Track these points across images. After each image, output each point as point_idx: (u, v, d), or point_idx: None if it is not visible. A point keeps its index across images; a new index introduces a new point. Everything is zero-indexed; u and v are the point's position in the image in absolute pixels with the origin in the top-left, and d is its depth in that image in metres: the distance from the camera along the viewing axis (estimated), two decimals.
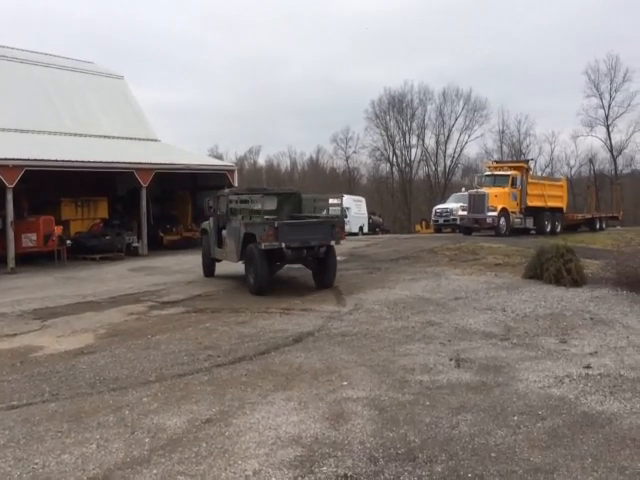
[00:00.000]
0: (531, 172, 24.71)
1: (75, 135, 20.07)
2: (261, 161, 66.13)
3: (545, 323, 8.07)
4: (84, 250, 17.41)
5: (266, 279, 10.53)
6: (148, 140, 22.84)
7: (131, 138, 21.94)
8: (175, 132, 66.85)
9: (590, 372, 5.80)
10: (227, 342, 7.30)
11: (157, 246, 19.32)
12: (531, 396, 5.16)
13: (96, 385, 5.79)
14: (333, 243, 10.82)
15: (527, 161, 25.50)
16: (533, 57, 73.78)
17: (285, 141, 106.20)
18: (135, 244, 18.84)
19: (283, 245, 10.19)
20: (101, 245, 17.75)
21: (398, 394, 5.32)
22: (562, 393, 5.22)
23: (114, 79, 23.89)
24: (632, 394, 5.15)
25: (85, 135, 20.40)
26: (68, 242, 16.84)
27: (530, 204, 22.48)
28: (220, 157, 49.87)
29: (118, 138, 21.35)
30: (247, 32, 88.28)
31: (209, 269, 12.95)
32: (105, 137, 20.95)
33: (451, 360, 6.33)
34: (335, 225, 10.83)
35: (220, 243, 12.11)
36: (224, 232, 11.93)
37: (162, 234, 20.29)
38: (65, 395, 5.50)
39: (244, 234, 10.70)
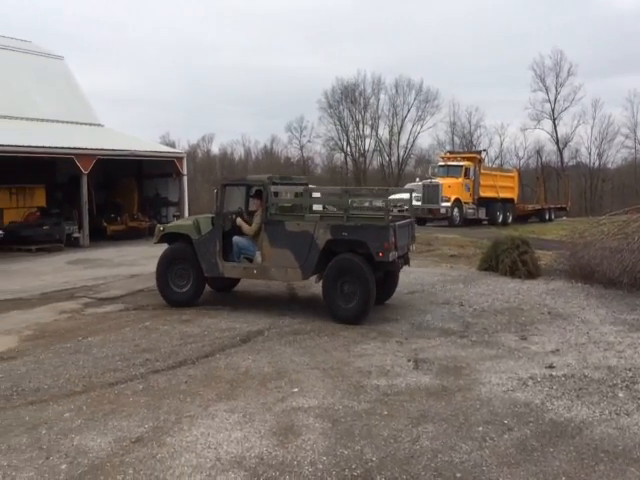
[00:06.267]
0: (483, 163, 24.87)
1: (9, 118, 18.67)
2: (215, 149, 64.54)
3: (503, 318, 7.80)
4: (19, 241, 16.23)
5: (374, 302, 7.72)
6: (90, 125, 21.56)
7: (72, 122, 20.64)
8: (123, 119, 64.39)
9: (554, 373, 5.50)
10: (168, 344, 6.68)
11: (100, 237, 18.25)
12: (495, 402, 4.80)
13: (12, 398, 5.07)
14: (413, 247, 8.77)
15: (480, 152, 25.70)
16: (483, 49, 74.68)
17: (239, 129, 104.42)
18: (76, 234, 17.71)
19: (397, 254, 7.70)
20: (37, 235, 16.58)
21: (353, 402, 4.87)
22: (527, 398, 4.89)
23: (53, 59, 22.41)
24: (599, 397, 4.87)
25: (21, 118, 19.02)
26: (0, 232, 15.68)
27: (482, 195, 22.63)
28: (172, 145, 48.18)
29: (57, 122, 20.04)
30: (176, 18, 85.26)
31: (193, 295, 8.54)
32: (43, 120, 19.61)
33: (409, 361, 5.93)
34: (413, 225, 8.76)
35: (227, 255, 8.33)
36: (239, 239, 8.40)
37: (106, 224, 19.19)
38: None
39: (328, 241, 7.65)
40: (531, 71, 51.75)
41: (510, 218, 23.98)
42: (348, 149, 56.70)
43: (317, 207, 9.53)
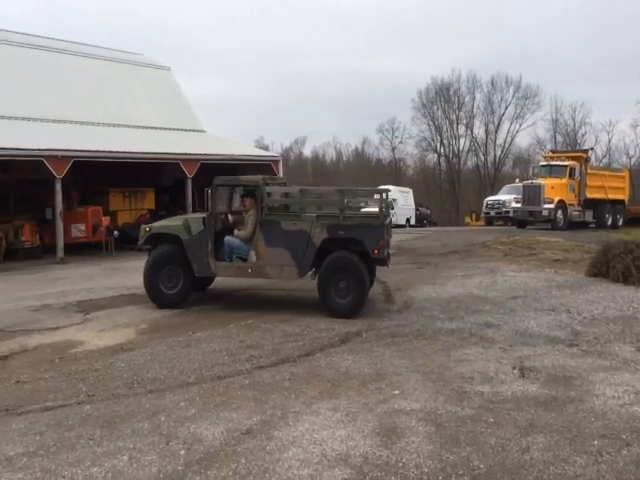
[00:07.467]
0: (590, 162, 23.45)
1: (123, 126, 20.20)
2: (307, 152, 65.95)
3: (617, 327, 7.34)
4: (131, 241, 17.47)
5: (367, 297, 8.30)
6: (194, 131, 22.83)
7: (177, 129, 21.97)
8: (219, 125, 67.42)
9: None
10: (270, 341, 6.93)
11: None
12: (611, 415, 4.54)
13: (133, 386, 5.50)
14: (391, 242, 9.18)
15: (586, 151, 24.24)
16: (588, 41, 70.39)
17: (331, 132, 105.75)
18: None
19: (387, 251, 8.33)
20: None
21: (457, 407, 4.80)
22: None
23: (161, 70, 23.99)
24: None
25: (132, 126, 20.53)
26: (115, 233, 16.95)
27: (589, 196, 21.33)
28: (266, 148, 49.83)
29: (165, 129, 21.41)
30: (268, 24, 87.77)
31: (183, 296, 8.67)
32: (152, 128, 21.04)
33: (514, 369, 5.74)
34: (391, 222, 9.34)
35: (219, 254, 8.47)
36: (231, 239, 8.53)
37: None
38: (101, 397, 5.24)
39: (324, 239, 8.02)
40: None
41: (620, 221, 22.41)
42: (442, 149, 55.66)
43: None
